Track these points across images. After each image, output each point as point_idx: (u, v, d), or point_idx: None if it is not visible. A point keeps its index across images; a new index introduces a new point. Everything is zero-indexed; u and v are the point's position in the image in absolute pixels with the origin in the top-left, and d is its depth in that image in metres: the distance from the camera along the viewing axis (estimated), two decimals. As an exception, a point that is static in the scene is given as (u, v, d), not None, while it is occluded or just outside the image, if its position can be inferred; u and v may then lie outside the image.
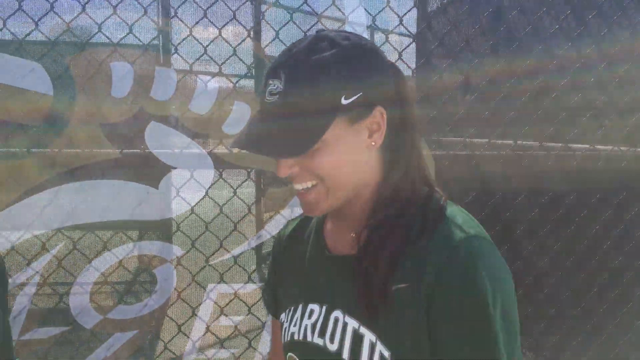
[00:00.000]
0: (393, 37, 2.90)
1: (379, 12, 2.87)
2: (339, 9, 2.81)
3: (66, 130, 2.60)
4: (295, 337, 1.27)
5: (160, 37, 2.60)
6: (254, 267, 2.89)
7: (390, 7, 2.88)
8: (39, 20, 2.55)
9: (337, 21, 2.95)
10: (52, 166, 2.61)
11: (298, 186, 1.15)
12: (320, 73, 1.09)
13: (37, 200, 2.64)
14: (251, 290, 2.87)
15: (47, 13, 2.56)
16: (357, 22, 2.89)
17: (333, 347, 1.18)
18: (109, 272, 2.73)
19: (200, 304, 2.81)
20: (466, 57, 2.89)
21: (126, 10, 2.66)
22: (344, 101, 1.10)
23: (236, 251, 2.85)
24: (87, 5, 2.60)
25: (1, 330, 1.35)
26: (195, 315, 2.80)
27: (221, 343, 2.87)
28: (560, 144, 3.05)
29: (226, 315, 2.82)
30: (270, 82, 1.10)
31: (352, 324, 1.16)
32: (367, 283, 1.14)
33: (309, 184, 1.14)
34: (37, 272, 2.63)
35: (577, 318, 3.20)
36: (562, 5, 2.99)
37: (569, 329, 3.19)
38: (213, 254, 2.86)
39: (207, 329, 2.82)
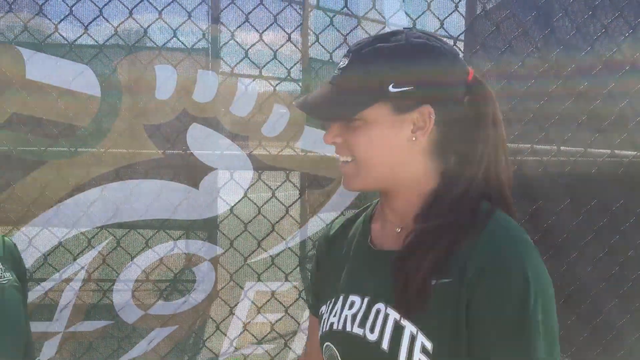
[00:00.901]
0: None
1: (420, 15, 2.80)
2: (379, 13, 2.76)
3: (112, 130, 2.63)
4: (335, 327, 1.28)
5: (206, 41, 2.60)
6: (292, 267, 2.86)
7: (431, 10, 2.81)
8: (89, 24, 2.59)
9: (378, 23, 2.89)
10: (98, 165, 2.65)
11: (339, 157, 1.24)
12: (377, 57, 1.17)
13: (84, 198, 2.67)
14: (287, 289, 2.83)
15: (96, 17, 2.61)
16: (397, 25, 2.82)
17: (372, 337, 1.19)
18: (150, 269, 2.75)
19: (238, 303, 2.80)
20: (507, 60, 2.79)
21: (171, 14, 2.67)
22: (391, 88, 1.16)
23: (274, 251, 2.82)
24: (134, 10, 2.63)
25: (22, 313, 1.35)
26: (233, 313, 2.78)
27: (258, 342, 2.85)
28: (608, 150, 2.91)
29: (263, 314, 2.80)
30: (342, 60, 1.21)
31: (394, 315, 1.18)
32: (406, 280, 1.17)
33: (347, 158, 1.21)
34: (82, 267, 2.67)
35: (622, 328, 3.04)
36: (608, 7, 2.85)
37: (613, 339, 3.04)
38: (251, 253, 2.84)
39: (245, 328, 2.80)
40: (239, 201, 2.73)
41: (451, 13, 2.81)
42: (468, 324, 1.12)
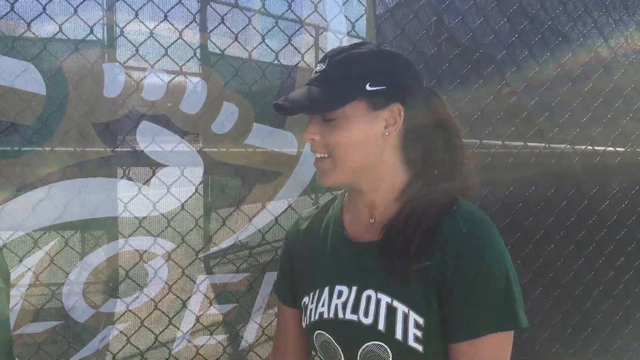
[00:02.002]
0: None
1: (358, 18, 2.88)
2: (321, 16, 2.81)
3: (58, 129, 2.52)
4: (325, 315, 1.36)
5: (154, 39, 2.55)
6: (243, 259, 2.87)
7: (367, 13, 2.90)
8: (32, 21, 2.46)
9: (319, 28, 2.94)
10: (44, 165, 2.52)
11: (315, 154, 1.33)
12: (354, 60, 1.29)
13: (29, 198, 2.54)
14: (238, 280, 2.84)
15: (39, 15, 2.48)
16: (338, 30, 2.89)
17: (368, 321, 1.28)
18: (101, 268, 2.66)
19: (190, 297, 2.77)
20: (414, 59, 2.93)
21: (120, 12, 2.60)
22: (368, 87, 1.27)
23: (225, 244, 2.82)
24: (78, 8, 2.52)
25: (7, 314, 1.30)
26: (186, 307, 2.76)
27: (210, 333, 2.84)
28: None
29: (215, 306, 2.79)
30: (318, 65, 1.33)
31: (385, 299, 1.27)
32: (394, 266, 1.27)
33: (323, 154, 1.31)
34: (29, 269, 2.54)
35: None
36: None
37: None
38: (202, 248, 2.82)
39: (197, 320, 2.78)
40: (190, 197, 2.70)
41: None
42: (453, 295, 1.24)
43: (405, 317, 1.25)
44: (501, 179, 2.89)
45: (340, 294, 1.36)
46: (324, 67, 1.31)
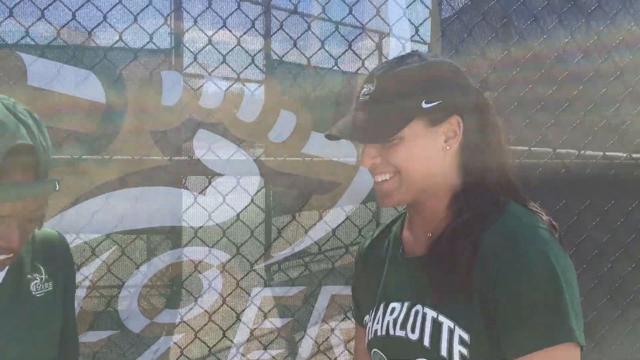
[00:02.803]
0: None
1: (422, 22, 2.76)
2: (384, 20, 2.70)
3: (117, 137, 2.51)
4: (379, 333, 1.34)
5: (212, 47, 2.51)
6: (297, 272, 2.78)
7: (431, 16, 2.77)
8: (92, 30, 2.47)
9: (381, 33, 2.84)
10: (103, 173, 2.52)
11: (378, 177, 1.26)
12: (406, 79, 1.24)
13: (88, 206, 2.55)
14: (294, 294, 2.76)
15: (100, 23, 2.49)
16: (400, 35, 2.78)
17: (414, 337, 1.24)
18: (156, 277, 2.64)
19: (245, 309, 2.71)
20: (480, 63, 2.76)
21: (177, 20, 2.58)
22: (424, 105, 1.22)
23: (280, 256, 2.74)
24: (138, 16, 2.52)
25: (57, 325, 1.26)
26: (240, 320, 2.69)
27: (264, 348, 2.76)
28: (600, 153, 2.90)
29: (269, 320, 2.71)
30: (365, 86, 1.26)
31: (431, 314, 1.23)
32: (442, 278, 1.22)
33: (387, 176, 1.25)
34: (86, 277, 2.54)
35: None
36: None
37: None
38: (257, 259, 2.76)
39: (251, 334, 2.71)
40: (246, 206, 2.64)
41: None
42: (499, 307, 1.15)
43: (451, 333, 1.21)
44: (577, 191, 2.69)
45: (393, 310, 1.34)
46: (372, 88, 1.27)
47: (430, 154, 1.26)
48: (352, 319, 1.62)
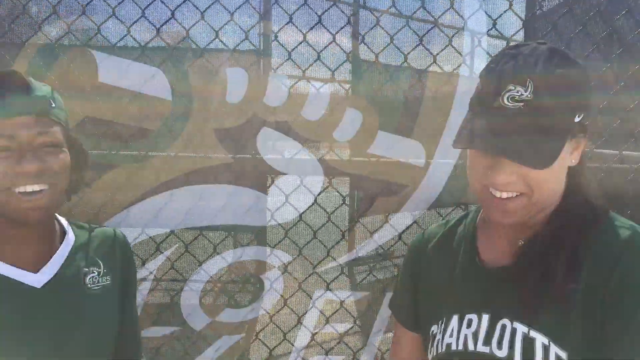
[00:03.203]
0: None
1: (501, 15, 2.58)
2: (458, 13, 2.56)
3: (182, 134, 2.51)
4: (453, 347, 1.23)
5: (278, 42, 2.45)
6: (361, 276, 2.68)
7: (512, 9, 2.59)
8: (161, 27, 2.48)
9: (453, 28, 2.69)
10: (168, 169, 2.54)
11: (503, 194, 1.11)
12: (570, 89, 1.05)
13: (153, 202, 2.56)
14: (357, 299, 2.66)
15: (168, 20, 2.49)
16: (476, 29, 2.61)
17: (502, 354, 1.13)
18: (218, 276, 2.62)
19: (306, 312, 2.64)
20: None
21: (242, 16, 2.54)
22: (576, 119, 1.08)
23: (343, 260, 2.65)
24: (205, 13, 2.51)
25: (113, 320, 1.25)
26: (301, 323, 2.63)
27: (325, 353, 2.68)
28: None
29: (331, 325, 2.63)
30: (512, 87, 1.04)
31: (522, 329, 1.12)
32: (536, 290, 1.10)
33: (514, 194, 1.11)
34: (150, 272, 2.56)
35: None
36: None
37: None
38: (320, 262, 2.68)
39: (312, 338, 2.64)
40: (308, 207, 2.57)
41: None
42: (605, 324, 1.04)
43: (546, 350, 1.09)
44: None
45: (470, 323, 1.22)
46: (527, 94, 1.03)
47: (562, 173, 1.14)
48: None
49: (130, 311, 1.34)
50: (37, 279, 1.12)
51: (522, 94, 1.03)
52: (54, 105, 1.10)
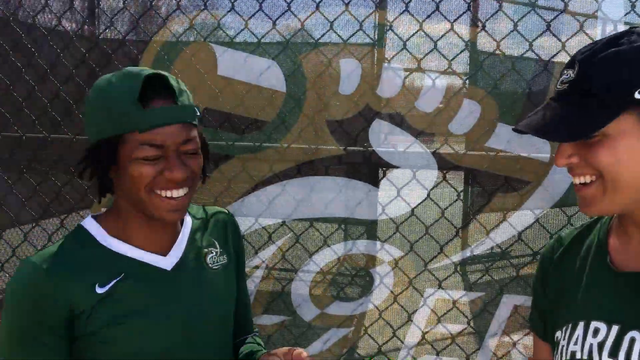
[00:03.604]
0: None
1: (640, -4, 2.33)
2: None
3: (295, 126, 2.53)
4: (577, 355, 1.17)
5: (393, 32, 2.39)
6: (475, 275, 2.56)
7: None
8: (277, 19, 2.51)
9: (583, 16, 2.47)
10: (281, 161, 2.56)
11: (576, 179, 1.09)
12: (616, 63, 1.03)
13: (266, 193, 2.61)
14: (472, 299, 2.54)
15: (284, 13, 2.52)
16: (611, 12, 2.38)
17: None
18: (328, 268, 2.62)
19: (416, 310, 2.56)
20: None
21: (356, 7, 2.51)
22: (637, 95, 1.01)
23: (457, 258, 2.55)
24: (320, 4, 2.50)
25: (232, 295, 1.29)
26: (411, 321, 2.55)
27: (437, 353, 2.59)
28: None
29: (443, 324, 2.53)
30: (564, 72, 1.08)
31: None
32: None
33: (587, 179, 1.07)
34: (263, 261, 2.61)
35: None
36: None
37: None
38: (432, 259, 2.59)
39: (423, 337, 2.56)
40: (421, 202, 2.49)
41: None
42: None
43: None
44: None
45: (596, 332, 1.15)
46: (572, 75, 1.07)
47: (635, 155, 1.04)
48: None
49: (244, 287, 1.40)
50: (167, 262, 1.18)
51: (569, 76, 1.05)
52: (198, 113, 1.15)
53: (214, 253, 1.27)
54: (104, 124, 1.08)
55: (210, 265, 1.24)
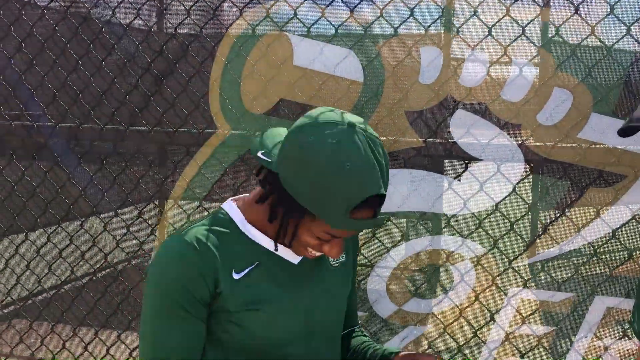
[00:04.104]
0: None
1: None
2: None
3: (373, 117, 2.45)
4: None
5: (478, 18, 2.27)
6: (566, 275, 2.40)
7: None
8: (354, 8, 2.43)
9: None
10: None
11: None
12: None
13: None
14: (560, 300, 2.39)
15: (361, 1, 2.43)
16: None
17: None
18: (405, 264, 2.53)
19: (500, 309, 2.44)
20: None
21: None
22: None
23: (543, 256, 2.40)
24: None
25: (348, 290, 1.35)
26: (494, 320, 2.43)
27: (521, 355, 2.46)
28: None
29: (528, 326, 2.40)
30: None
31: None
32: None
33: None
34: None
35: None
36: None
37: None
38: (517, 256, 2.45)
39: (506, 338, 2.44)
40: (505, 197, 2.36)
41: None
42: None
43: None
44: None
45: None
46: None
47: None
48: (634, 339, 1.32)
49: (354, 285, 1.46)
50: (295, 256, 1.24)
51: None
52: (385, 222, 1.22)
53: None
54: (311, 203, 1.10)
55: (331, 262, 1.29)
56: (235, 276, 1.17)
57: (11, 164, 2.89)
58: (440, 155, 2.42)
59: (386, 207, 2.49)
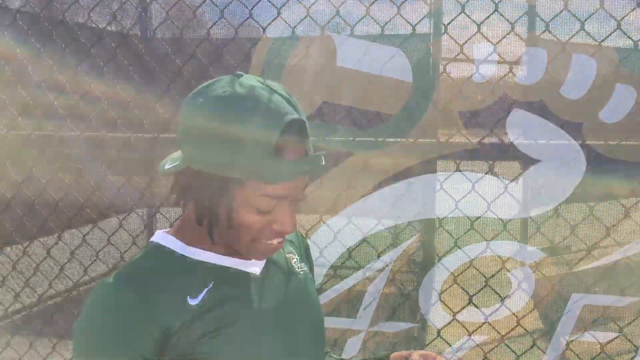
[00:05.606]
0: None
1: None
2: None
3: (423, 118, 2.31)
4: None
5: (529, 6, 2.14)
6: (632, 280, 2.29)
7: None
8: (401, 4, 2.30)
9: None
10: (405, 157, 2.36)
11: None
12: None
13: (389, 192, 2.40)
14: (625, 304, 2.27)
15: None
16: None
17: None
18: (458, 271, 2.39)
19: (560, 317, 2.31)
20: None
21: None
22: None
23: (608, 259, 2.28)
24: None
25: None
26: (554, 329, 2.31)
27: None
28: None
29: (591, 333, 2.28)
30: None
31: None
32: None
33: None
34: (386, 265, 2.41)
35: None
36: None
37: None
38: (578, 262, 2.33)
39: (567, 347, 2.31)
40: (566, 199, 2.23)
41: None
42: None
43: None
44: None
45: None
46: None
47: None
48: None
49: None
50: (254, 267, 1.11)
51: None
52: (324, 162, 1.04)
53: (297, 259, 1.21)
54: (226, 162, 0.95)
55: (295, 269, 1.18)
56: (192, 302, 1.01)
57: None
58: (495, 157, 2.30)
59: (437, 214, 2.36)
